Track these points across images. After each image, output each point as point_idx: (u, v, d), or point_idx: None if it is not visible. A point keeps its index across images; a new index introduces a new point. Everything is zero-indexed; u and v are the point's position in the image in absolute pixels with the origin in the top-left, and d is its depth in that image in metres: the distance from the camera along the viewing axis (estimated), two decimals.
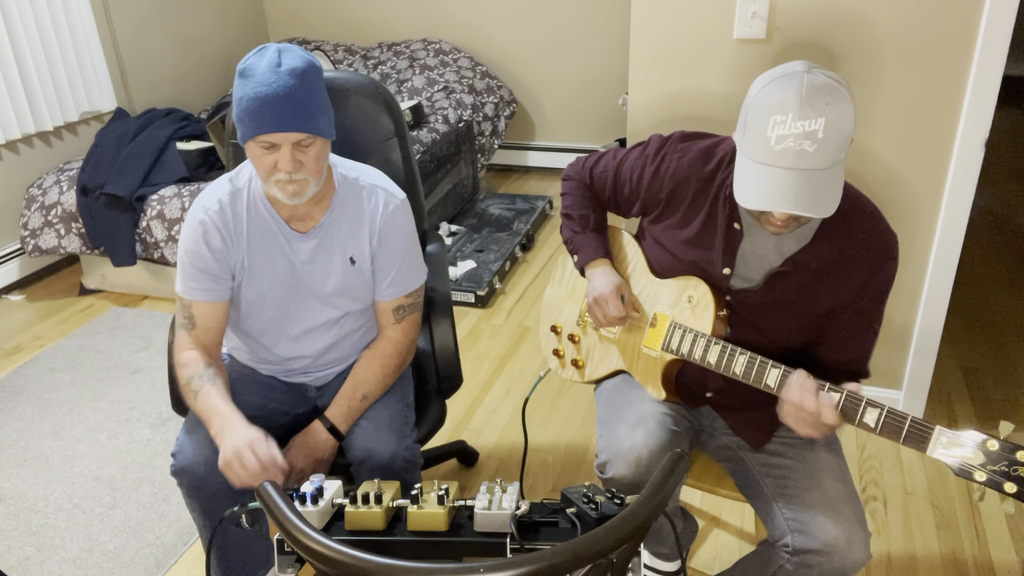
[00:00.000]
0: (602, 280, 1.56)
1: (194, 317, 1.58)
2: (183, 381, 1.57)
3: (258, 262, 1.58)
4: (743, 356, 1.36)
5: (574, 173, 1.68)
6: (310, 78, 1.44)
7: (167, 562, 2.02)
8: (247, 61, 1.43)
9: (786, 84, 1.22)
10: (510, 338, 3.02)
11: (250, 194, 1.58)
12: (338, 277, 1.61)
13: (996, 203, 4.20)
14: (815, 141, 1.20)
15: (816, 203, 1.22)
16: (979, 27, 1.93)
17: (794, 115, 1.20)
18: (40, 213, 3.30)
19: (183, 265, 1.57)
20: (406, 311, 1.68)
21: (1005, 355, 2.78)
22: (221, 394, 1.53)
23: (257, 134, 1.41)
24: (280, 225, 1.58)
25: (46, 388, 2.78)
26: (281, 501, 1.07)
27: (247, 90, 1.41)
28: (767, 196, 1.23)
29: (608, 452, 1.44)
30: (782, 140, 1.21)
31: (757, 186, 1.25)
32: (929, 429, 1.18)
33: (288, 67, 1.42)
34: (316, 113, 1.44)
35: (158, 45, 4.19)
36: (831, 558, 1.33)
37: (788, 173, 1.22)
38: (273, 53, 1.43)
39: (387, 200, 1.62)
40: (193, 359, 1.57)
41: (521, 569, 0.91)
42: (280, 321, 1.64)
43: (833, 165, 1.23)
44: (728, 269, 1.43)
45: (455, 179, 3.94)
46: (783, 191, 1.22)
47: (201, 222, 1.55)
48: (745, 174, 1.27)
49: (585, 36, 4.45)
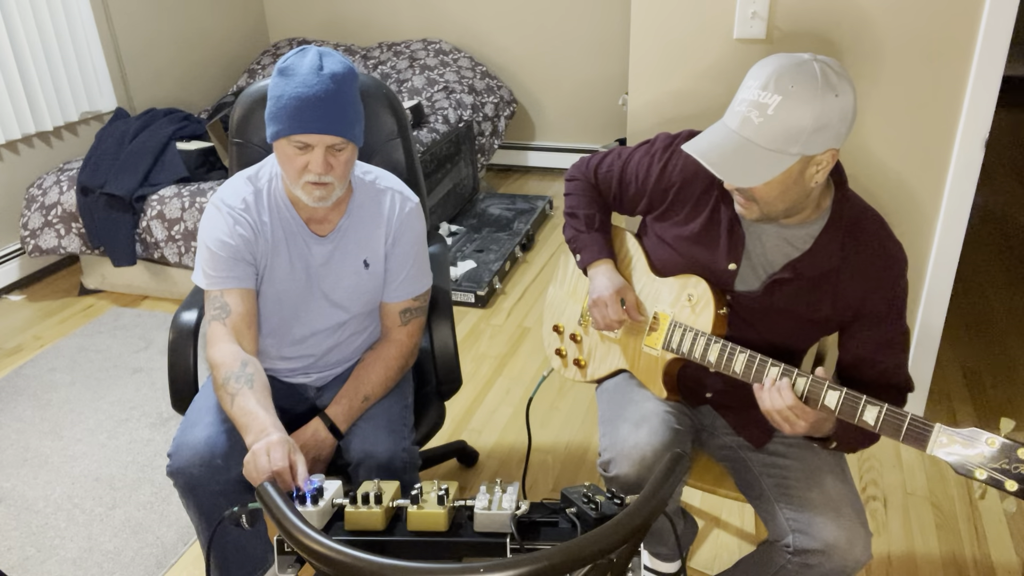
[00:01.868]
0: (603, 282, 1.56)
1: (228, 305, 1.55)
2: (219, 381, 1.50)
3: (279, 262, 1.59)
4: (743, 354, 1.36)
5: (578, 173, 1.68)
6: (350, 84, 1.46)
7: (167, 562, 2.02)
8: (288, 60, 1.44)
9: (780, 59, 1.25)
10: (510, 338, 3.02)
11: (271, 195, 1.58)
12: (350, 280, 1.62)
13: (996, 203, 4.20)
14: (763, 114, 1.22)
15: (732, 170, 1.25)
16: (979, 27, 1.93)
17: (759, 83, 1.23)
18: (40, 213, 3.30)
19: (209, 258, 1.55)
20: (412, 314, 1.69)
21: (1005, 355, 2.78)
22: (259, 399, 1.46)
23: (293, 133, 1.42)
24: (301, 227, 1.58)
25: (46, 388, 2.78)
26: (281, 501, 1.07)
27: (288, 89, 1.41)
28: (702, 145, 1.28)
29: (612, 450, 1.44)
30: (740, 103, 1.26)
31: (703, 136, 1.30)
32: (929, 427, 1.17)
33: (330, 71, 1.43)
34: (353, 120, 1.46)
35: (158, 45, 4.19)
36: (832, 558, 1.33)
37: (729, 133, 1.26)
38: (315, 55, 1.44)
39: (403, 202, 1.63)
40: (229, 356, 1.50)
41: (521, 569, 0.91)
42: (289, 322, 1.64)
43: (773, 149, 1.22)
44: (735, 264, 1.43)
45: (455, 179, 3.94)
46: (714, 146, 1.27)
47: (230, 213, 1.55)
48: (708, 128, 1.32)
49: (585, 36, 4.45)
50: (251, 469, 1.36)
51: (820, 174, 1.27)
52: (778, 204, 1.30)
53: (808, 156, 1.24)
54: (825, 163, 1.26)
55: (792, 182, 1.26)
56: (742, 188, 1.30)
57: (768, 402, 1.30)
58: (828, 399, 1.27)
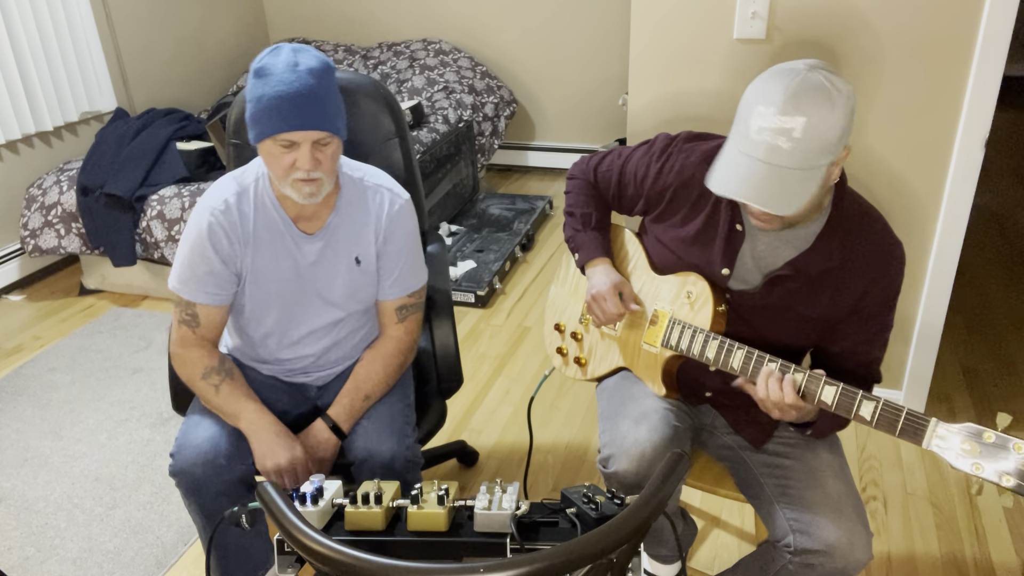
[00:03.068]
0: (601, 278, 1.56)
1: (198, 316, 1.57)
2: (197, 376, 1.56)
3: (264, 263, 1.58)
4: (741, 351, 1.37)
5: (579, 172, 1.69)
6: (327, 78, 1.45)
7: (167, 562, 2.02)
8: (262, 60, 1.44)
9: (781, 77, 1.22)
10: (510, 338, 3.02)
11: (257, 193, 1.57)
12: (344, 278, 1.61)
13: (996, 203, 4.20)
14: (790, 139, 1.20)
15: (775, 200, 1.23)
16: (979, 27, 1.93)
17: (776, 109, 1.21)
18: (40, 213, 3.30)
19: (186, 266, 1.56)
20: (408, 311, 1.68)
21: (1005, 355, 2.78)
22: (245, 389, 1.58)
23: (278, 132, 1.41)
24: (288, 226, 1.57)
25: (46, 388, 2.78)
26: (281, 501, 1.07)
27: (266, 89, 1.41)
28: (732, 182, 1.25)
29: (612, 447, 1.44)
30: (761, 132, 1.23)
31: (725, 170, 1.27)
32: (925, 422, 1.17)
33: (306, 66, 1.42)
34: (335, 113, 1.46)
35: (158, 45, 4.19)
36: (833, 558, 1.33)
37: (758, 164, 1.23)
38: (289, 52, 1.44)
39: (392, 200, 1.62)
40: (203, 354, 1.57)
41: (521, 569, 0.91)
42: (284, 323, 1.64)
43: (807, 167, 1.22)
44: (727, 270, 1.43)
45: (455, 179, 3.94)
46: (747, 180, 1.24)
47: (209, 224, 1.54)
48: (722, 158, 1.29)
49: (585, 36, 4.45)
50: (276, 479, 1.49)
51: (838, 169, 1.28)
52: (804, 213, 1.32)
53: (833, 161, 1.25)
54: (842, 159, 1.27)
55: (819, 188, 1.27)
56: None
57: (763, 391, 1.32)
58: (825, 395, 1.28)
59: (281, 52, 1.44)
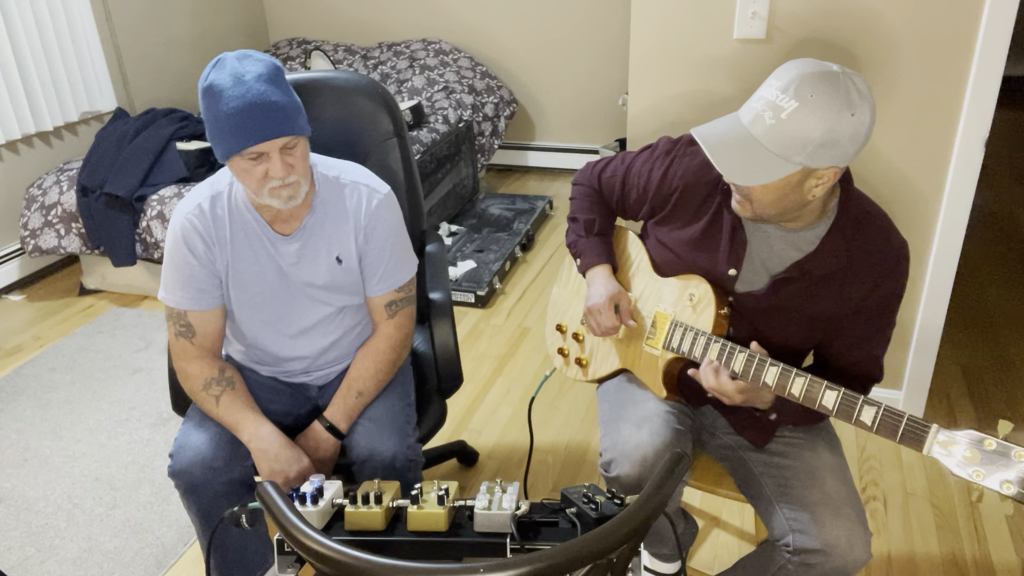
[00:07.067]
0: (598, 289, 1.56)
1: (192, 325, 1.57)
2: (198, 388, 1.56)
3: (244, 266, 1.57)
4: (742, 354, 1.36)
5: (583, 179, 1.69)
6: (278, 80, 1.42)
7: (167, 562, 2.02)
8: (208, 79, 1.40)
9: (810, 66, 1.21)
10: (510, 338, 3.02)
11: (231, 197, 1.56)
12: (326, 278, 1.61)
13: (996, 203, 4.20)
14: (776, 117, 1.21)
15: (733, 165, 1.24)
16: (979, 27, 1.93)
17: (781, 85, 1.21)
18: (40, 213, 3.30)
19: (170, 274, 1.56)
20: (399, 305, 1.68)
21: (1005, 355, 2.78)
22: (245, 399, 1.57)
23: (243, 147, 1.39)
24: (264, 228, 1.56)
25: (46, 388, 2.78)
26: (281, 501, 1.07)
27: (220, 107, 1.38)
28: (708, 132, 1.27)
29: (613, 451, 1.44)
30: (758, 99, 1.24)
31: (713, 123, 1.29)
32: (926, 428, 1.17)
33: (254, 74, 1.39)
34: (294, 114, 1.43)
35: (158, 45, 4.19)
36: (832, 558, 1.33)
37: (739, 127, 1.25)
38: (233, 63, 1.40)
39: (370, 196, 1.60)
40: (203, 366, 1.57)
41: (521, 569, 0.91)
42: (275, 322, 1.64)
43: (778, 155, 1.21)
44: (734, 270, 1.43)
45: (455, 179, 3.94)
46: (722, 137, 1.26)
47: (183, 228, 1.53)
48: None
49: (585, 36, 4.45)
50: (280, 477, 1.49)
51: (820, 188, 1.26)
52: (771, 208, 1.30)
53: (810, 168, 1.23)
54: (827, 179, 1.25)
55: (790, 190, 1.26)
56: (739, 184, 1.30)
57: (706, 381, 1.37)
58: (826, 399, 1.27)
59: (225, 65, 1.40)
